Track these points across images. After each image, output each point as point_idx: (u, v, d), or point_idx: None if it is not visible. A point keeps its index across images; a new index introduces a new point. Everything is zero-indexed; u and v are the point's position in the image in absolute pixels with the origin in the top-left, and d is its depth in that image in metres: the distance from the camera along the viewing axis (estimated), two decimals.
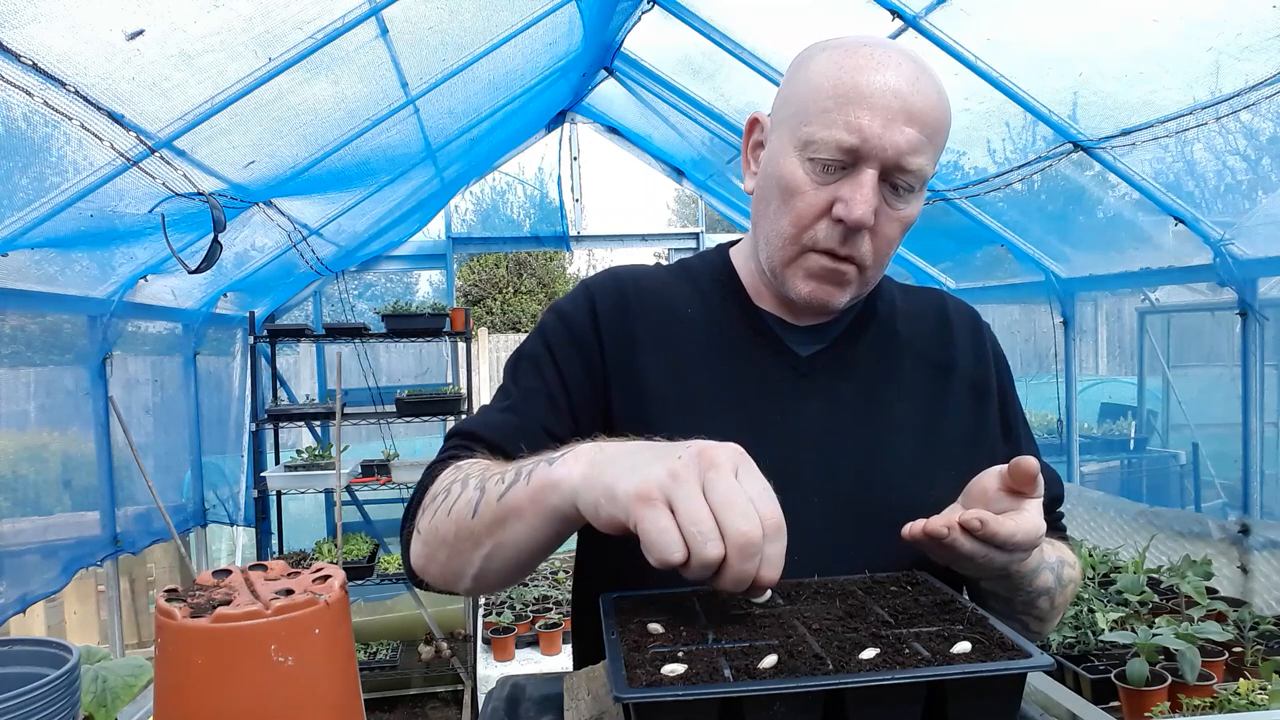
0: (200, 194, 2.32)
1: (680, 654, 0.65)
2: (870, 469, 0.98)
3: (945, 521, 0.77)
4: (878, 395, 1.02)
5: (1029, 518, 0.79)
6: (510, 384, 1.04)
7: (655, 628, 0.71)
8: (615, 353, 1.02)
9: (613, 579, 0.96)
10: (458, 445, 0.99)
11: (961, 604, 0.73)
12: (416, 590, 4.64)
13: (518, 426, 0.98)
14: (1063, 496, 1.14)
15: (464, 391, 4.55)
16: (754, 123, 1.03)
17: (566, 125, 5.31)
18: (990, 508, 0.81)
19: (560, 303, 1.08)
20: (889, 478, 0.95)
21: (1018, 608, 0.98)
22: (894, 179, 0.91)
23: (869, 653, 0.63)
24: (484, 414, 1.02)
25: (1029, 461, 0.79)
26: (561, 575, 4.93)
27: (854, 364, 1.04)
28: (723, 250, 1.14)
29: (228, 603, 0.92)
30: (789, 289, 0.99)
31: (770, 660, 0.62)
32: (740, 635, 0.69)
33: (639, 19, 3.74)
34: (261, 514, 4.51)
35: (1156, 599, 2.82)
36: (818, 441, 0.99)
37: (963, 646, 0.64)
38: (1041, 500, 0.82)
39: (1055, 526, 1.13)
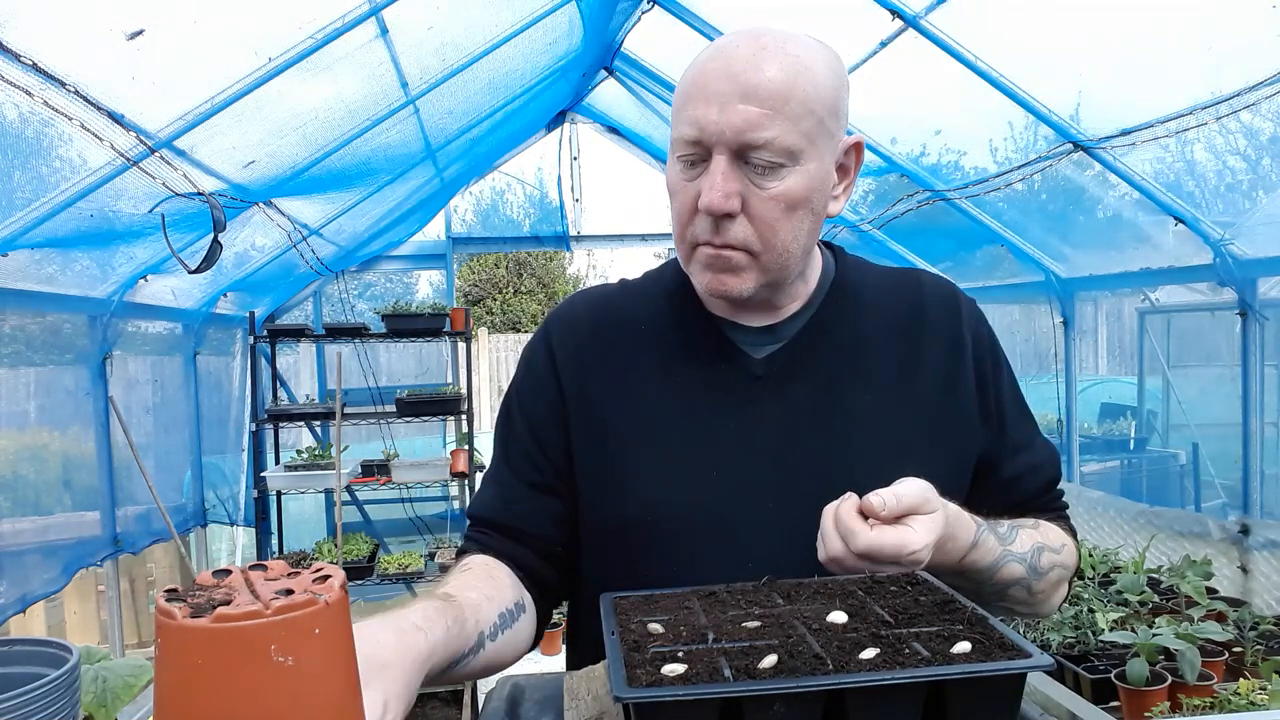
0: (200, 194, 2.32)
1: (680, 654, 0.65)
2: (829, 469, 0.97)
3: (824, 558, 0.84)
4: (838, 392, 1.01)
5: (890, 535, 0.81)
6: (500, 444, 1.12)
7: (655, 628, 0.71)
8: (572, 386, 1.05)
9: (613, 579, 0.96)
10: (471, 531, 1.08)
11: (961, 604, 0.73)
12: (416, 590, 4.65)
13: (505, 498, 1.07)
14: (1059, 477, 1.13)
15: (464, 391, 4.55)
16: None
17: (566, 125, 5.31)
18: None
19: (527, 347, 1.13)
20: (850, 477, 0.91)
21: (988, 596, 0.98)
22: (749, 158, 0.90)
23: (869, 652, 0.63)
24: (483, 489, 1.11)
25: (865, 502, 0.82)
26: None
27: (813, 362, 1.02)
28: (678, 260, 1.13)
29: (228, 603, 0.92)
30: (696, 285, 1.00)
31: (770, 660, 0.62)
32: (740, 635, 0.68)
33: (639, 19, 3.74)
34: (261, 514, 4.51)
35: (1156, 599, 2.82)
36: (774, 447, 0.99)
37: (963, 646, 0.64)
38: (930, 518, 0.83)
39: (1052, 509, 1.12)
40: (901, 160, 3.73)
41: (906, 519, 0.83)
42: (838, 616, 0.71)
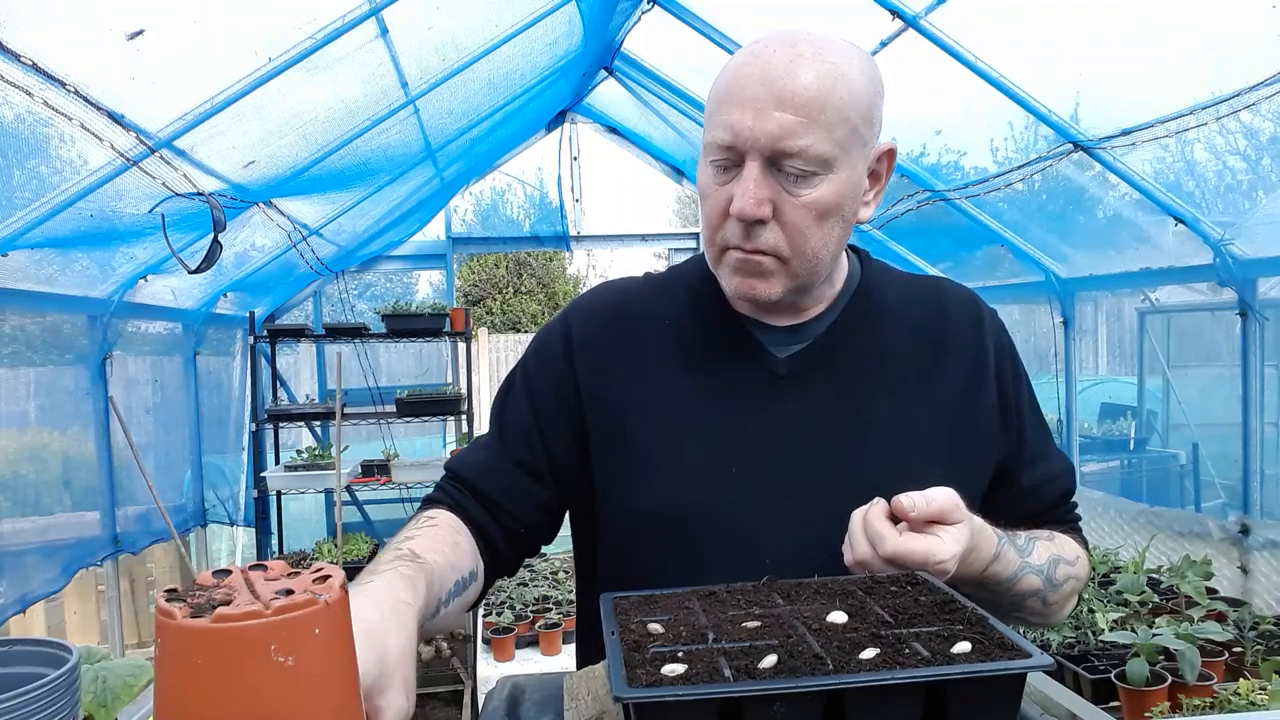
0: (200, 194, 2.32)
1: (680, 654, 0.65)
2: (847, 471, 0.98)
3: (850, 561, 0.86)
4: (859, 393, 1.02)
5: (919, 542, 0.82)
6: (496, 417, 1.12)
7: (655, 628, 0.71)
8: (589, 376, 1.05)
9: (628, 575, 0.96)
10: (445, 483, 1.09)
11: (961, 604, 0.73)
12: None
13: (491, 466, 1.07)
14: (1074, 489, 1.13)
15: (464, 391, 4.55)
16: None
17: (566, 125, 5.31)
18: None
19: (543, 330, 1.13)
20: (867, 479, 0.94)
21: (1005, 607, 0.99)
22: (782, 165, 0.91)
23: (869, 653, 0.63)
24: (471, 449, 1.12)
25: (895, 502, 0.83)
26: (561, 575, 4.93)
27: (835, 363, 1.03)
28: (702, 257, 1.14)
29: (228, 603, 0.91)
30: (724, 287, 1.01)
31: (770, 660, 0.62)
32: (740, 635, 0.68)
33: (639, 19, 3.74)
34: (261, 514, 4.51)
35: (1156, 599, 2.82)
36: (792, 445, 0.99)
37: (963, 646, 0.64)
38: (958, 528, 0.84)
39: (1067, 520, 1.12)
40: (901, 160, 3.73)
41: (934, 527, 0.84)
42: (838, 616, 0.71)
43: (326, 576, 0.57)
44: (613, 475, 1.03)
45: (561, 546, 1.08)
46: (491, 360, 10.77)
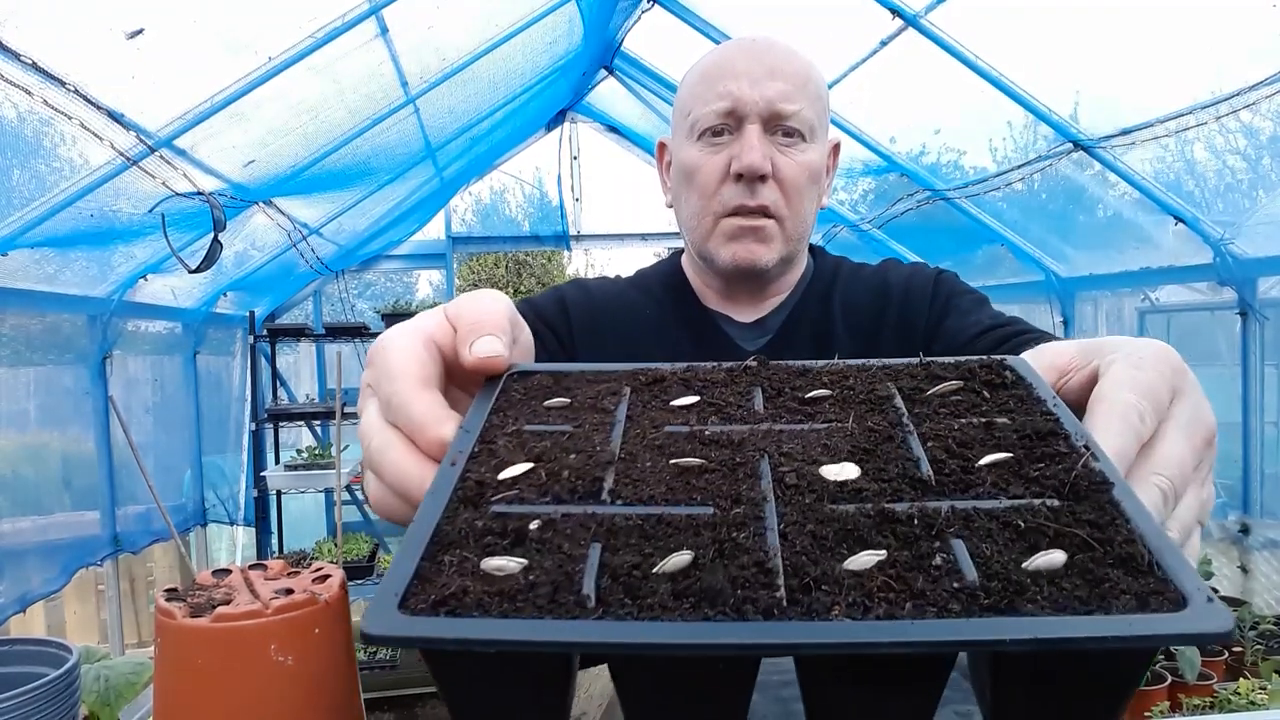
0: (200, 193, 2.32)
1: (534, 526, 0.37)
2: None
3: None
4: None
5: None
6: None
7: (516, 470, 0.41)
8: (584, 343, 1.06)
9: None
10: None
11: (1070, 441, 0.40)
12: None
13: None
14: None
15: None
16: (661, 146, 1.11)
17: (566, 124, 5.31)
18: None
19: (531, 298, 1.13)
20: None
21: None
22: (776, 129, 0.98)
23: (863, 559, 0.33)
24: None
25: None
26: None
27: (799, 350, 1.07)
28: (675, 257, 1.17)
29: (228, 602, 0.92)
30: (717, 261, 1.01)
31: (680, 560, 0.33)
32: (659, 486, 0.39)
33: (639, 18, 3.74)
34: (261, 513, 4.50)
35: None
36: None
37: (1051, 559, 0.33)
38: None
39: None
40: (901, 159, 3.73)
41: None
42: (839, 470, 0.40)
43: (326, 576, 0.57)
44: None
45: None
46: None
